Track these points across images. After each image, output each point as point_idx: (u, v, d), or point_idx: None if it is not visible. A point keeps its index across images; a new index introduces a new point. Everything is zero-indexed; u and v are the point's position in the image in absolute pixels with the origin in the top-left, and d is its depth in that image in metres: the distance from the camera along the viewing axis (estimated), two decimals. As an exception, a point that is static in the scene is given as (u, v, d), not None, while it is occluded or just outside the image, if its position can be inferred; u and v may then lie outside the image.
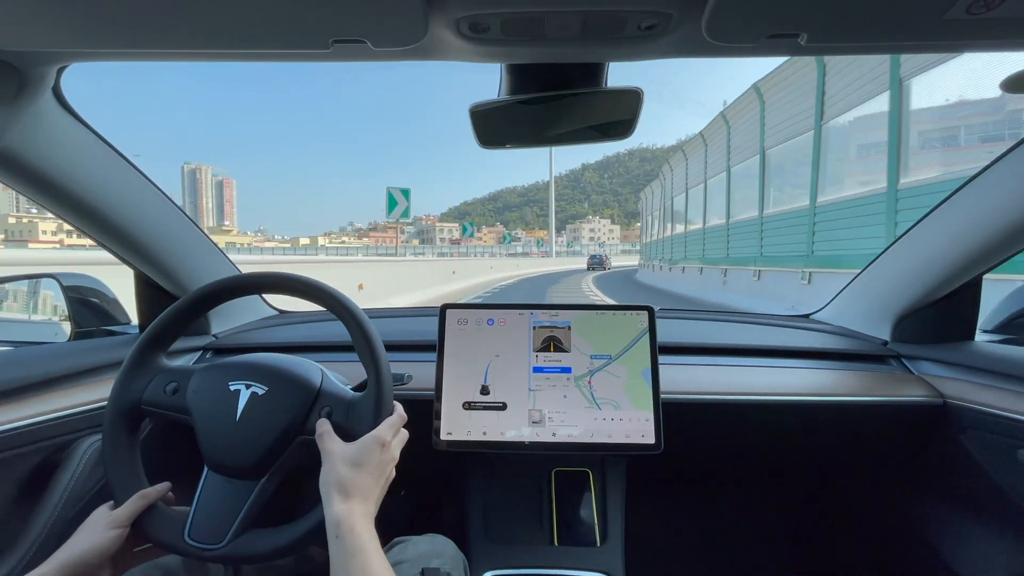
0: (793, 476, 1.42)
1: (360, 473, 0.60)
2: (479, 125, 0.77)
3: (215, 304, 0.77)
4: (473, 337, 0.97)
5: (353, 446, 0.62)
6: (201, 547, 0.62)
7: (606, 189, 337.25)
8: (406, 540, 0.86)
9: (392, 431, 0.66)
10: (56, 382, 0.88)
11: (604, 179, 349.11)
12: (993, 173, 0.86)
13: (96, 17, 0.55)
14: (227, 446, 0.66)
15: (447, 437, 0.92)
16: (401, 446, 0.68)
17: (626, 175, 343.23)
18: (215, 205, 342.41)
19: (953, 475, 1.02)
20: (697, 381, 1.04)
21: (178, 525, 0.64)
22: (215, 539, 0.62)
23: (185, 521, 0.64)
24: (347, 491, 0.58)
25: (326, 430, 0.64)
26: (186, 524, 0.63)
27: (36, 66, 0.67)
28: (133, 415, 0.70)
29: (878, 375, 1.07)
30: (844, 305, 1.32)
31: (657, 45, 0.60)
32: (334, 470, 0.59)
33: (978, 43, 0.58)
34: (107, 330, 1.14)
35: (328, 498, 0.58)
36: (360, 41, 0.58)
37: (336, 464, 0.60)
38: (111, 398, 0.69)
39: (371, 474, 0.61)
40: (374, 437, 0.63)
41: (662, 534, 1.38)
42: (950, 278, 1.00)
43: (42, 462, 0.84)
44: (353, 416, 0.66)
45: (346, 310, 0.70)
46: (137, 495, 0.64)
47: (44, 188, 0.83)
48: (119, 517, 0.62)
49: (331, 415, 0.66)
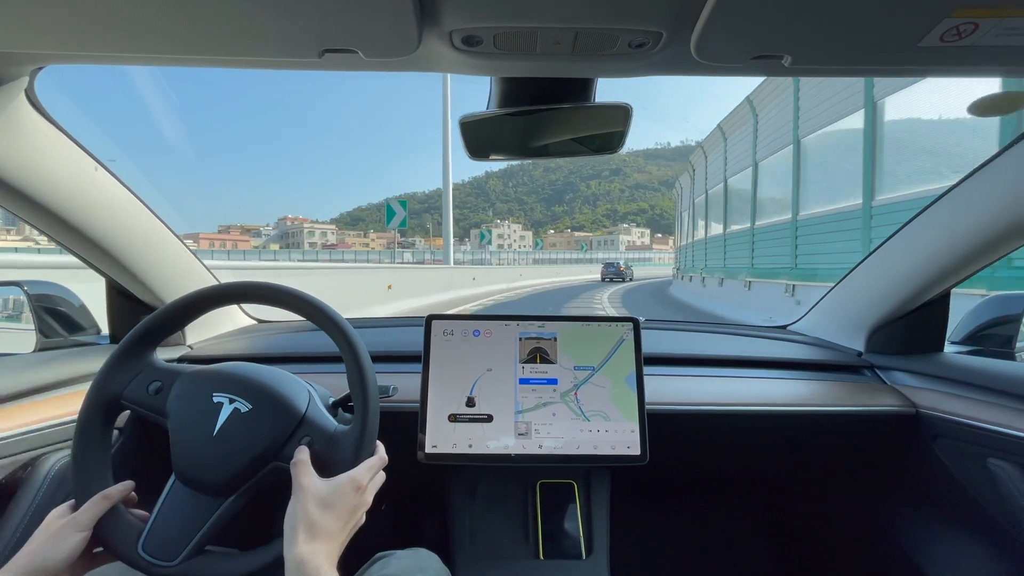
0: (773, 485, 1.44)
1: (329, 515, 0.58)
2: (469, 136, 0.77)
3: (216, 307, 0.75)
4: (459, 348, 0.96)
5: (327, 484, 0.60)
6: (152, 562, 0.60)
7: (511, 197, 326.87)
8: (388, 555, 0.84)
9: (370, 474, 0.64)
10: (21, 396, 0.84)
11: (509, 187, 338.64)
12: (961, 191, 0.90)
13: (76, 19, 0.53)
14: (198, 460, 0.63)
15: (432, 450, 0.91)
16: (376, 489, 0.66)
17: (531, 184, 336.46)
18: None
19: (926, 483, 1.05)
20: (679, 392, 1.05)
21: (134, 534, 0.61)
22: (169, 555, 0.60)
23: (142, 530, 0.61)
24: (314, 531, 0.56)
25: (303, 459, 0.61)
26: (142, 534, 0.61)
27: (9, 67, 0.65)
28: (111, 407, 0.67)
29: (853, 385, 1.10)
30: (820, 317, 1.35)
31: (646, 62, 0.62)
32: (304, 508, 0.57)
33: (951, 69, 0.61)
34: (75, 340, 1.10)
35: (293, 535, 0.56)
36: (351, 51, 0.58)
37: (307, 501, 0.58)
38: (92, 387, 0.67)
39: (340, 517, 0.59)
40: (350, 479, 0.61)
41: (647, 545, 1.38)
42: (921, 291, 1.04)
43: (7, 479, 0.79)
44: (333, 450, 0.64)
45: (343, 336, 0.67)
46: (100, 495, 0.61)
47: (13, 193, 0.80)
48: (82, 520, 0.59)
49: (311, 444, 0.64)
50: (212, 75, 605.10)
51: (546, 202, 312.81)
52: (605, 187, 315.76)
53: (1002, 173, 0.82)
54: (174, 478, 0.64)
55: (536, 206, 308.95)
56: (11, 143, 0.74)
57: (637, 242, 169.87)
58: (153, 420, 0.67)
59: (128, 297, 1.08)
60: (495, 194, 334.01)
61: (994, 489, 0.88)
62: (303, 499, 0.58)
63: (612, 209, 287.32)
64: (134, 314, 1.06)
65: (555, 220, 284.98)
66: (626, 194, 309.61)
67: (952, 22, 0.50)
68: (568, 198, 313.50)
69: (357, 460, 0.63)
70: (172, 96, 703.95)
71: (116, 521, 0.61)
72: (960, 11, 0.48)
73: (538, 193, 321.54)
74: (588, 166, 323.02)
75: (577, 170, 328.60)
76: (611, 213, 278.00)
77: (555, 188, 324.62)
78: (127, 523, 0.62)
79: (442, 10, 0.52)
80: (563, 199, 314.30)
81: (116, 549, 0.61)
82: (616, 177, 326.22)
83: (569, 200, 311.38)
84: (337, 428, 0.66)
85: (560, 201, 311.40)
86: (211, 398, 0.65)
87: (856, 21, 0.52)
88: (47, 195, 0.83)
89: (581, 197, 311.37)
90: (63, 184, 0.84)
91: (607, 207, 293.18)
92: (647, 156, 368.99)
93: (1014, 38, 0.52)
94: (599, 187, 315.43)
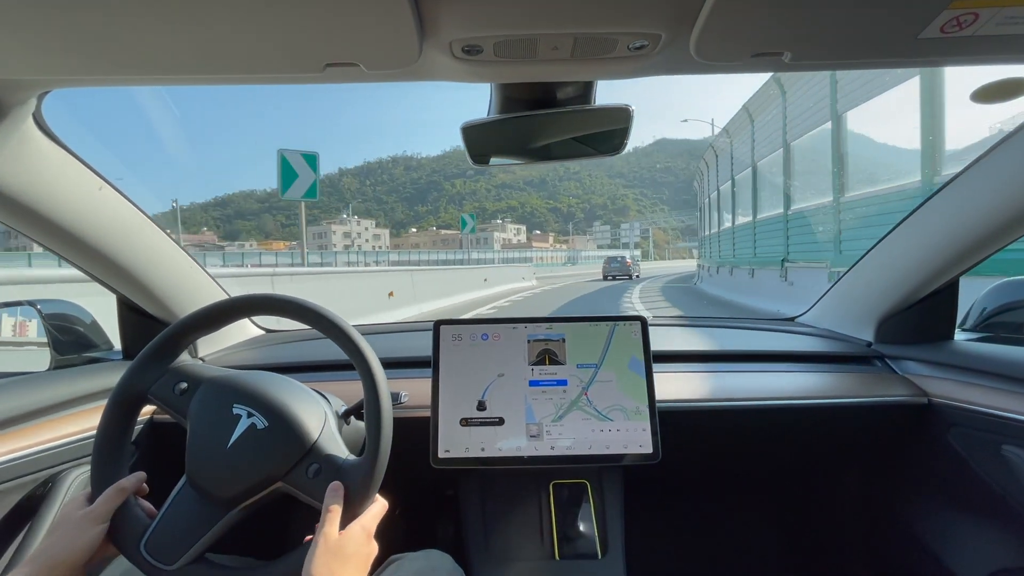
0: (785, 478, 1.44)
1: (347, 565, 0.59)
2: (471, 142, 0.77)
3: (239, 317, 0.77)
4: (467, 353, 0.97)
5: (343, 535, 0.61)
6: (152, 563, 0.61)
7: (369, 196, 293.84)
8: (401, 557, 0.84)
9: (375, 521, 0.65)
10: (39, 413, 0.85)
11: (366, 186, 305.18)
12: (968, 178, 0.90)
13: (81, 43, 0.54)
14: (210, 468, 0.64)
15: (445, 454, 0.91)
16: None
17: (391, 183, 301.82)
18: None
19: (940, 472, 1.05)
20: (689, 389, 1.05)
21: (139, 530, 0.62)
22: (168, 558, 0.61)
23: (147, 528, 0.63)
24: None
25: (337, 508, 0.62)
26: (146, 532, 0.62)
27: (17, 92, 0.66)
28: (137, 402, 0.69)
29: (863, 376, 1.10)
30: (828, 307, 1.35)
31: (646, 64, 0.62)
32: (326, 563, 0.58)
33: (952, 59, 0.61)
34: (88, 357, 1.11)
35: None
36: (354, 64, 0.58)
37: (328, 555, 0.59)
38: (122, 379, 0.68)
39: (356, 565, 0.61)
40: (361, 528, 0.62)
41: (662, 542, 1.38)
42: (929, 279, 1.04)
43: (27, 496, 0.81)
44: (341, 479, 0.64)
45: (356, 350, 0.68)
46: (115, 488, 0.63)
47: (27, 216, 0.81)
48: (100, 513, 0.61)
49: (318, 473, 0.64)
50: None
51: (408, 201, 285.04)
52: (471, 186, 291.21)
53: (1010, 158, 0.82)
54: (184, 480, 0.65)
55: (397, 206, 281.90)
56: (22, 167, 0.75)
57: (513, 239, 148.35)
58: (175, 419, 0.68)
59: (139, 312, 1.09)
60: (350, 193, 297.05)
61: (1010, 476, 0.87)
62: (324, 552, 0.59)
63: (480, 207, 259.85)
64: (146, 328, 1.07)
65: (419, 220, 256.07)
66: (493, 193, 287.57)
67: (952, 13, 0.50)
68: (432, 197, 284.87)
69: (364, 494, 0.64)
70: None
71: (125, 516, 0.63)
72: (959, 2, 0.48)
73: (399, 192, 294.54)
74: (452, 165, 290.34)
75: (441, 169, 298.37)
76: (479, 211, 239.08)
77: (417, 187, 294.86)
78: (135, 518, 0.63)
79: (442, 21, 0.52)
80: (426, 198, 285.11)
81: (120, 543, 0.62)
82: (481, 176, 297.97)
83: (433, 200, 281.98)
84: (346, 460, 0.66)
85: (423, 201, 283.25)
86: (231, 408, 0.66)
87: (855, 15, 0.52)
88: (59, 216, 0.84)
89: (446, 196, 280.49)
90: (73, 204, 0.85)
91: (474, 205, 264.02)
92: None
93: (1014, 27, 0.52)
94: (464, 186, 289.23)
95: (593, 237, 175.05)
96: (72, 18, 0.50)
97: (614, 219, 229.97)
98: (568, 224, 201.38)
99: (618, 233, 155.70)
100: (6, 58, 0.57)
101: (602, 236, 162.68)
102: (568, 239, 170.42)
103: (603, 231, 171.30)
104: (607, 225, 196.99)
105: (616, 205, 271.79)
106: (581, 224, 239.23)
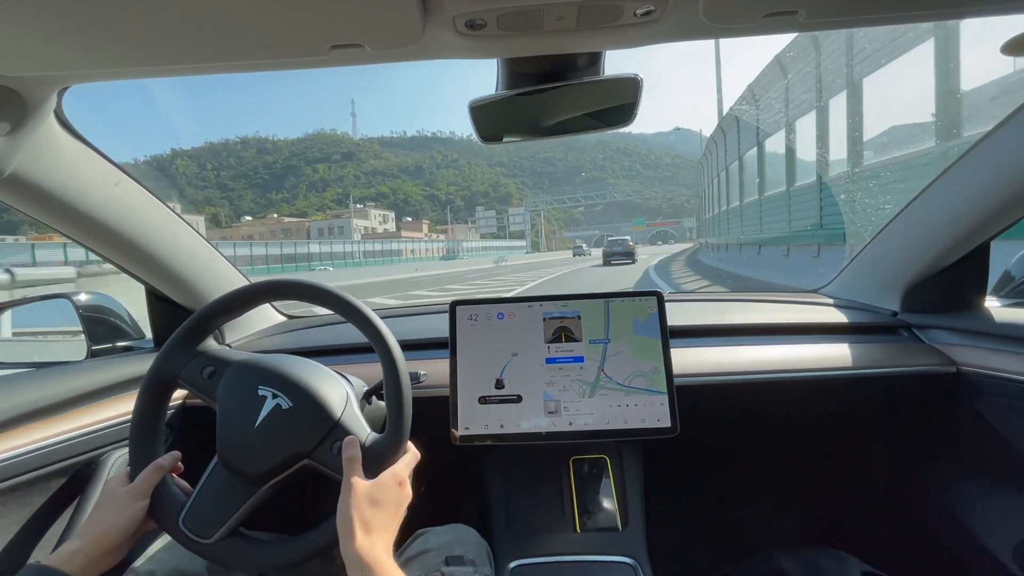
0: (810, 450, 1.43)
1: (380, 511, 0.62)
2: (479, 120, 0.77)
3: (262, 302, 0.79)
4: (484, 332, 0.98)
5: (373, 483, 0.63)
6: (190, 537, 0.64)
7: (210, 183, 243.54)
8: (428, 531, 0.87)
9: (407, 470, 0.67)
10: (80, 400, 0.90)
11: (207, 171, 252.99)
12: (997, 138, 0.86)
13: (96, 38, 0.55)
14: (240, 447, 0.67)
15: (464, 432, 0.93)
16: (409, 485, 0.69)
17: (240, 167, 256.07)
18: None
19: (969, 441, 1.02)
20: (711, 362, 1.05)
21: (176, 507, 0.66)
22: (205, 533, 0.65)
23: (184, 504, 0.66)
24: (368, 527, 0.60)
25: (355, 455, 0.64)
26: (183, 508, 0.66)
27: (39, 89, 0.67)
28: (167, 386, 0.72)
29: (889, 346, 1.07)
30: (852, 278, 1.32)
31: (655, 30, 0.60)
32: (357, 505, 0.60)
33: (971, 9, 0.58)
34: (122, 346, 1.16)
35: (348, 533, 0.59)
36: (358, 45, 0.58)
37: (359, 499, 0.61)
38: (151, 368, 0.71)
39: (389, 511, 0.63)
40: (392, 475, 0.65)
41: (682, 515, 1.39)
42: (958, 244, 1.00)
43: (73, 478, 0.85)
44: (364, 456, 0.66)
45: (376, 332, 0.70)
46: (153, 465, 0.66)
47: (54, 211, 0.84)
48: (142, 489, 0.64)
49: (342, 450, 0.66)
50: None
51: (260, 188, 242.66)
52: (337, 172, 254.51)
53: None
54: (216, 459, 0.69)
55: (246, 193, 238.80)
56: (47, 163, 0.78)
57: (379, 228, 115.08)
58: (204, 402, 0.71)
59: (167, 302, 1.13)
60: (185, 178, 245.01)
61: None
62: (355, 497, 0.61)
63: (343, 194, 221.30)
64: (174, 317, 1.11)
65: (270, 207, 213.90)
66: (362, 180, 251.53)
67: None
68: (290, 184, 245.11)
69: (392, 461, 0.66)
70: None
71: (163, 493, 0.66)
72: None
73: (249, 178, 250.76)
74: (314, 148, 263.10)
75: (301, 152, 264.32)
76: (342, 198, 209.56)
77: (272, 172, 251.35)
78: (172, 496, 0.67)
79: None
80: (283, 185, 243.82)
81: (160, 519, 0.66)
82: (349, 162, 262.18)
83: (291, 186, 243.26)
84: (369, 436, 0.69)
85: (279, 187, 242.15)
86: (256, 390, 0.69)
87: None
88: (84, 210, 0.87)
89: (307, 182, 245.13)
90: (97, 198, 0.88)
91: (338, 191, 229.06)
92: (383, 143, 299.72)
93: None
94: (329, 172, 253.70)
95: (476, 226, 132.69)
96: (88, 12, 0.51)
97: (498, 207, 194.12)
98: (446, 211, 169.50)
99: (506, 220, 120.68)
100: (28, 54, 0.58)
101: (487, 224, 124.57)
102: (447, 228, 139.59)
103: (487, 217, 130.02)
104: (491, 211, 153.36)
105: (499, 193, 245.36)
106: (462, 213, 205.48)
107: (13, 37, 0.55)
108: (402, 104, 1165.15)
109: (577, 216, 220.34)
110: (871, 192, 7.62)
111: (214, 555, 0.65)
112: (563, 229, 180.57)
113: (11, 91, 0.65)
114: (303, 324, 1.37)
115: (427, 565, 0.79)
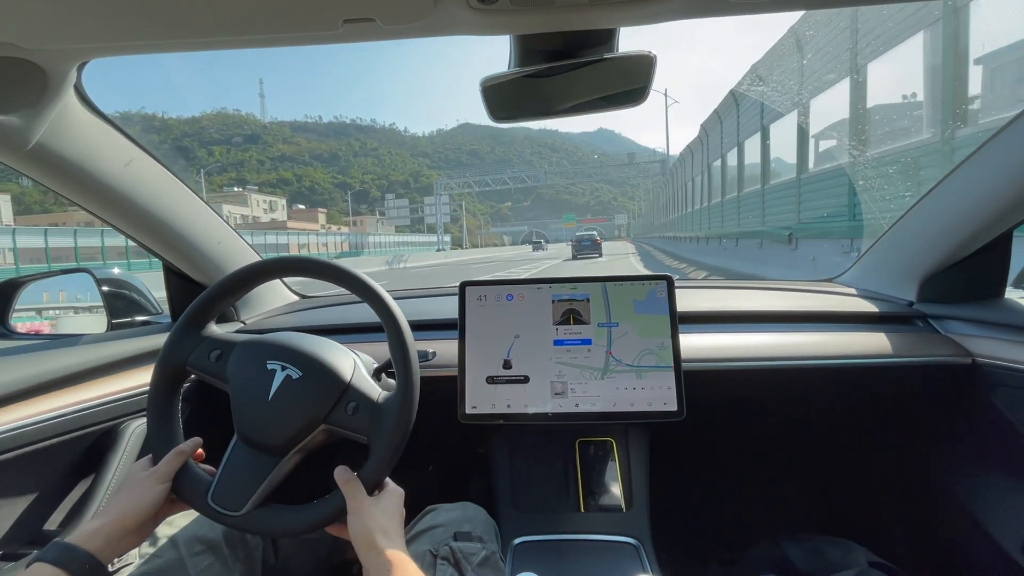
0: (819, 438, 1.42)
1: (392, 519, 0.65)
2: (491, 99, 0.76)
3: (263, 281, 0.81)
4: (493, 313, 0.98)
5: (380, 498, 0.67)
6: (221, 512, 0.66)
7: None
8: (438, 507, 0.89)
9: (397, 498, 0.70)
10: (100, 370, 0.93)
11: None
12: (1019, 127, 0.83)
13: (116, 11, 0.56)
14: (256, 422, 0.69)
15: (472, 410, 0.94)
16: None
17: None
18: None
19: (982, 433, 1.01)
20: (721, 347, 1.04)
21: (203, 486, 0.68)
22: (235, 506, 0.66)
23: (210, 483, 0.68)
24: (388, 533, 0.62)
25: (351, 479, 0.66)
26: (211, 487, 0.67)
27: (60, 63, 0.69)
28: (178, 374, 0.74)
29: (904, 336, 1.06)
30: (868, 267, 1.29)
31: (671, 6, 0.59)
32: (371, 516, 0.63)
33: None
34: (141, 320, 1.19)
35: (371, 542, 0.61)
36: (370, 20, 0.58)
37: (371, 511, 0.64)
38: (159, 358, 0.73)
39: (397, 522, 0.66)
40: (395, 490, 0.69)
41: (687, 498, 1.40)
42: (977, 235, 0.98)
43: (92, 445, 0.89)
44: (376, 417, 0.68)
45: (384, 307, 0.71)
46: (175, 451, 0.68)
47: (74, 184, 0.86)
48: (164, 472, 0.66)
49: (356, 410, 0.68)
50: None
51: None
52: (237, 155, 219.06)
53: None
54: (236, 438, 0.70)
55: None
56: (68, 136, 0.80)
57: (263, 217, 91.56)
58: (216, 385, 0.73)
59: (183, 277, 1.15)
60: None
61: None
62: (366, 510, 0.63)
63: (240, 178, 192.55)
64: (190, 293, 1.14)
65: None
66: (267, 165, 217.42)
67: None
68: (180, 167, 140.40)
69: (401, 424, 0.67)
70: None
71: (188, 475, 0.68)
72: None
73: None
74: (212, 129, 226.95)
75: (196, 133, 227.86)
76: (239, 182, 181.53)
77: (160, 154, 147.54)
78: (197, 476, 0.69)
79: None
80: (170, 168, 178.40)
81: (189, 499, 0.68)
82: (253, 145, 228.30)
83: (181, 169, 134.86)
84: (381, 394, 0.70)
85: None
86: (265, 365, 0.70)
87: None
88: (103, 184, 0.89)
89: (198, 166, 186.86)
90: (116, 172, 0.90)
91: (233, 176, 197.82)
92: (294, 128, 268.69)
93: None
94: (227, 155, 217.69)
95: (387, 218, 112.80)
96: None
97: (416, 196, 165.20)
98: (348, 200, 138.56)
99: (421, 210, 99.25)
100: (48, 27, 0.59)
101: (399, 214, 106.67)
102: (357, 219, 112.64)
103: (399, 207, 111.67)
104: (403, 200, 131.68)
105: (420, 184, 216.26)
106: (378, 203, 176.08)
107: (36, 10, 0.56)
108: (321, 88, 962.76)
109: (504, 211, 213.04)
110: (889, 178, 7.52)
111: (245, 525, 0.67)
112: (489, 224, 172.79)
113: (34, 65, 0.67)
114: (315, 303, 1.39)
115: (436, 539, 0.81)
